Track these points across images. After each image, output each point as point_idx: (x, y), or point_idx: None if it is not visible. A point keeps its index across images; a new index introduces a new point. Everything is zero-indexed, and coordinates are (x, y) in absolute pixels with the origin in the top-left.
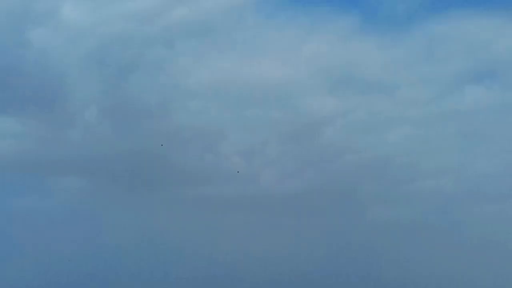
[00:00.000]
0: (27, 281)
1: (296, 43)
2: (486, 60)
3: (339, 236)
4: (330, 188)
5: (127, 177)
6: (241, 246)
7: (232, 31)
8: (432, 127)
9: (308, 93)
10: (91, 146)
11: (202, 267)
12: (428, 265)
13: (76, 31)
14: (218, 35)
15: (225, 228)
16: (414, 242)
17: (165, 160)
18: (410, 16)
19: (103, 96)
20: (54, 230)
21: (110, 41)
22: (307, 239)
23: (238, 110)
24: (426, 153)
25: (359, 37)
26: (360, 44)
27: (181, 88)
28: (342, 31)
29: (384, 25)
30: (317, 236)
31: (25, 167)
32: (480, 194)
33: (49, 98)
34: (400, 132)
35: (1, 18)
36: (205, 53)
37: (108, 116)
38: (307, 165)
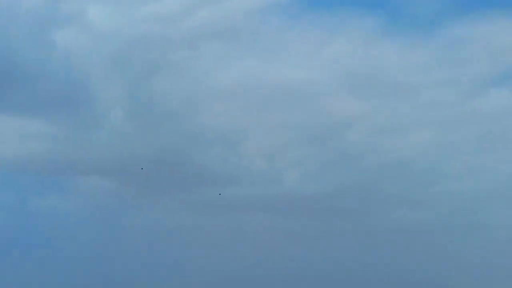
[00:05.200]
0: (49, 281)
1: (319, 45)
2: (510, 63)
3: (361, 238)
4: (353, 191)
5: (151, 178)
6: (263, 247)
7: (255, 33)
8: (455, 129)
9: (330, 95)
10: (116, 147)
11: (224, 268)
12: (450, 268)
13: (101, 33)
14: (241, 37)
15: (248, 229)
16: (436, 244)
17: (189, 162)
18: (434, 18)
19: (128, 97)
20: (78, 230)
21: (135, 43)
22: (329, 240)
23: (261, 112)
24: (449, 156)
25: (382, 39)
26: (383, 46)
27: (204, 90)
28: (365, 33)
29: (407, 27)
30: (339, 238)
31: (50, 168)
32: (502, 196)
33: (74, 100)
34: (423, 134)
35: (26, 20)
36: (228, 55)
37: (132, 117)
38: (329, 167)
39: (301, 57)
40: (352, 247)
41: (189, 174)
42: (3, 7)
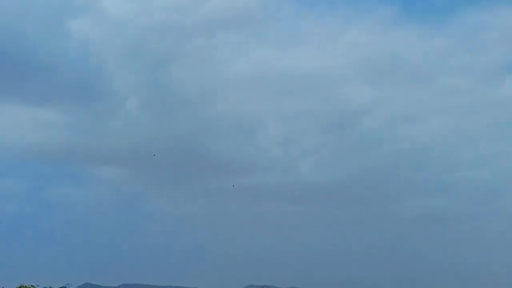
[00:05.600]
0: (66, 267)
1: (335, 33)
2: None
3: (376, 225)
4: (368, 178)
5: (167, 167)
6: (278, 234)
7: (271, 21)
8: (471, 117)
9: (346, 83)
10: (132, 137)
11: (238, 254)
12: (466, 254)
13: (117, 22)
14: (257, 26)
15: (263, 217)
16: (452, 231)
17: (205, 150)
18: (449, 5)
19: (143, 86)
20: (94, 218)
21: (150, 32)
22: (345, 228)
23: (276, 100)
24: (465, 143)
25: (398, 26)
26: (399, 34)
27: (220, 79)
28: (381, 21)
29: (423, 15)
30: (355, 225)
31: (66, 157)
32: None
33: (90, 89)
34: (439, 121)
35: (42, 10)
36: (244, 43)
37: (148, 106)
38: (345, 155)
39: (317, 46)
40: (368, 234)
41: (204, 163)
42: None
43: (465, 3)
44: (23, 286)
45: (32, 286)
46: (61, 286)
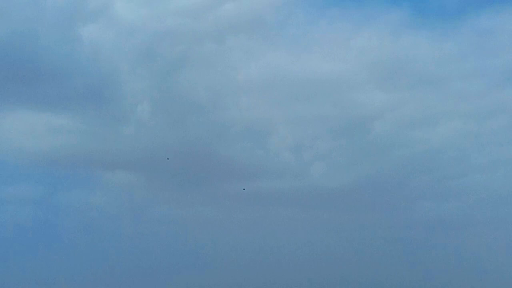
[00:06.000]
0: (76, 273)
1: (346, 37)
2: None
3: (388, 231)
4: (380, 183)
5: (178, 172)
6: (289, 239)
7: (283, 25)
8: (483, 121)
9: (358, 88)
10: (143, 142)
11: (251, 260)
12: (479, 261)
13: (128, 27)
14: (268, 30)
15: (275, 222)
16: (464, 237)
17: (216, 155)
18: (460, 9)
19: (154, 91)
20: (105, 223)
21: (161, 37)
22: (356, 233)
23: (287, 105)
24: (477, 148)
25: (409, 31)
26: (410, 38)
27: (231, 83)
28: (392, 25)
29: (434, 19)
30: (366, 231)
31: (78, 162)
32: None
33: (101, 94)
34: (451, 126)
35: (53, 15)
36: (255, 48)
37: (159, 111)
38: (357, 160)
39: (328, 50)
40: (380, 239)
41: (215, 168)
42: (31, 3)
43: (477, 7)
44: None
45: None
46: None
